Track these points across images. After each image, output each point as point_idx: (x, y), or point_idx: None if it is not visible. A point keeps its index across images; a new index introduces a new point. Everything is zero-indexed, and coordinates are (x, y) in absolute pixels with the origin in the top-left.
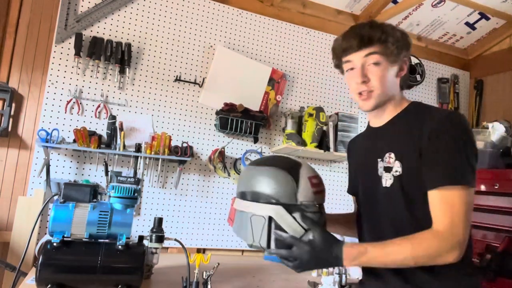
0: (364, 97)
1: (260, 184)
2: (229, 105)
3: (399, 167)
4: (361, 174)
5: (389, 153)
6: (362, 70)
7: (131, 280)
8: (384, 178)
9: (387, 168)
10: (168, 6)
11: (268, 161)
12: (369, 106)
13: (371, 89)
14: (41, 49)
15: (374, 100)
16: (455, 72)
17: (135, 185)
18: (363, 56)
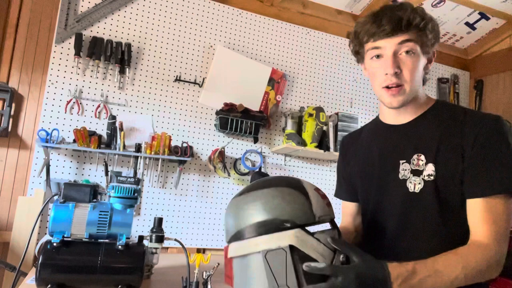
0: (394, 92)
1: (263, 210)
2: (229, 105)
3: (433, 170)
4: (371, 178)
5: (418, 155)
6: (394, 59)
7: (131, 280)
8: (410, 183)
9: (415, 171)
10: (168, 6)
11: (260, 184)
12: (398, 102)
13: (402, 83)
14: (41, 49)
15: (405, 96)
16: (455, 72)
17: (135, 185)
18: (397, 43)
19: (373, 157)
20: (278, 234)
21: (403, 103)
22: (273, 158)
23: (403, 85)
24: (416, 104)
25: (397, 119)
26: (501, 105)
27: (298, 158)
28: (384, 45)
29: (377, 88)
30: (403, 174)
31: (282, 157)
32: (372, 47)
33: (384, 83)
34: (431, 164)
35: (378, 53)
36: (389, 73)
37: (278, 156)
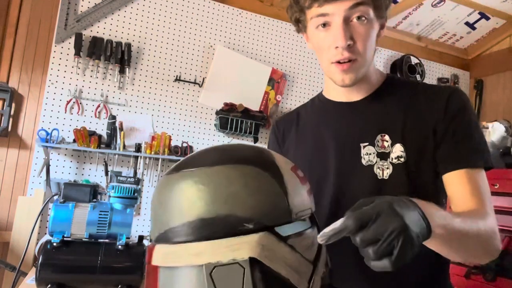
0: (345, 68)
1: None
2: (229, 105)
3: (401, 151)
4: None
5: (382, 135)
6: (345, 28)
7: (131, 280)
8: (378, 168)
9: (382, 155)
10: (168, 6)
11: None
12: (351, 79)
13: (355, 57)
14: (41, 49)
15: (358, 72)
16: (455, 72)
17: (135, 185)
18: (348, 7)
19: (324, 141)
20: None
21: (355, 79)
22: None
23: (356, 58)
24: (369, 78)
25: (348, 96)
26: (501, 105)
27: None
28: (332, 11)
29: (325, 63)
30: (367, 160)
31: None
32: (317, 14)
33: (334, 58)
34: (399, 144)
35: (325, 21)
36: (340, 45)
37: None
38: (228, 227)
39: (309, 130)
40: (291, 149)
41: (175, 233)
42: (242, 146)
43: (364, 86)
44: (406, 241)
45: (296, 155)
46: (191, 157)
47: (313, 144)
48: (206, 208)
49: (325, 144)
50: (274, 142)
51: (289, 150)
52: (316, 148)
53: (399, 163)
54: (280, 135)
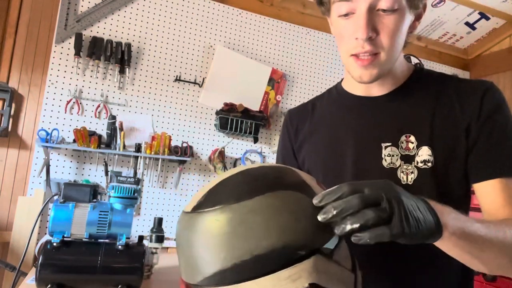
0: (365, 63)
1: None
2: (229, 105)
3: (429, 155)
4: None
5: (406, 136)
6: (368, 18)
7: (131, 280)
8: (402, 172)
9: (406, 157)
10: (168, 6)
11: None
12: (371, 76)
13: (377, 51)
14: (41, 49)
15: (379, 69)
16: (455, 72)
17: (135, 185)
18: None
19: (340, 139)
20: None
21: (376, 77)
22: (273, 158)
23: (379, 53)
24: (394, 72)
25: (369, 90)
26: None
27: None
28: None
29: (344, 55)
30: (389, 162)
31: None
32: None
33: (353, 50)
34: (426, 147)
35: (348, 10)
36: (360, 37)
37: None
38: (284, 258)
39: (324, 125)
40: (305, 144)
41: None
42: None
43: (388, 80)
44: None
45: (309, 151)
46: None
47: (328, 141)
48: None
49: (341, 141)
50: (284, 134)
51: (303, 145)
52: (331, 145)
53: (426, 168)
54: (293, 129)
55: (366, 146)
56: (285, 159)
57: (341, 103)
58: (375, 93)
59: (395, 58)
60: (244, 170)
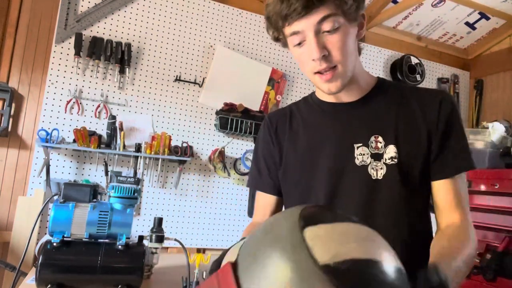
0: (328, 77)
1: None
2: (229, 105)
3: (395, 153)
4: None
5: (375, 136)
6: (318, 41)
7: (131, 280)
8: (373, 169)
9: (376, 155)
10: (168, 6)
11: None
12: (337, 87)
13: (334, 64)
14: (41, 49)
15: (341, 79)
16: (455, 72)
17: (135, 185)
18: (316, 22)
19: (317, 141)
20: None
21: (341, 86)
22: None
23: (336, 67)
24: (359, 80)
25: (340, 98)
26: (501, 105)
27: None
28: (302, 28)
29: (309, 74)
30: (361, 160)
31: None
32: (290, 32)
33: (315, 69)
34: (392, 146)
35: (300, 39)
36: (315, 57)
37: None
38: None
39: (302, 128)
40: (285, 145)
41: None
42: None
43: (354, 89)
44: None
45: (288, 153)
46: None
47: (306, 143)
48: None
49: (318, 143)
50: (264, 135)
51: (283, 145)
52: (309, 147)
53: (393, 164)
54: (273, 129)
55: (341, 147)
56: (266, 156)
57: (316, 110)
58: (344, 99)
59: (351, 68)
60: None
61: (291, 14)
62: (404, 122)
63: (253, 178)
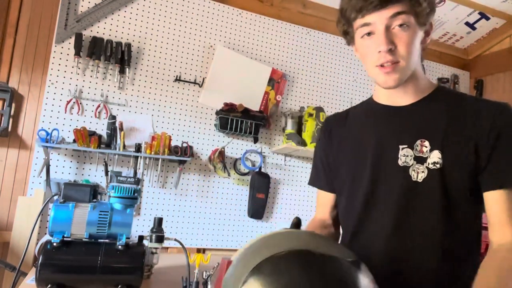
0: (388, 70)
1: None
2: (229, 105)
3: (439, 158)
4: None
5: (421, 140)
6: (387, 34)
7: (131, 280)
8: (413, 171)
9: (419, 158)
10: (168, 6)
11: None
12: (395, 80)
13: (397, 60)
14: (41, 49)
15: (400, 74)
16: (455, 72)
17: (135, 185)
18: (389, 16)
19: (367, 141)
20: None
21: (400, 81)
22: (273, 158)
23: (399, 61)
24: (416, 84)
25: (396, 100)
26: None
27: (298, 158)
28: (374, 20)
29: (370, 67)
30: (404, 161)
31: (282, 157)
32: (361, 24)
33: (378, 61)
34: (437, 151)
35: (369, 30)
36: (382, 50)
37: (278, 156)
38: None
39: (354, 128)
40: (337, 145)
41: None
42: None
43: (410, 91)
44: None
45: (339, 152)
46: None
47: (355, 141)
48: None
49: (365, 141)
50: (321, 136)
51: (334, 146)
52: (358, 148)
53: (435, 169)
54: (328, 130)
55: (386, 146)
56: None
57: (369, 111)
58: (399, 103)
59: (412, 65)
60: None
61: (367, 6)
62: (454, 131)
63: (312, 176)
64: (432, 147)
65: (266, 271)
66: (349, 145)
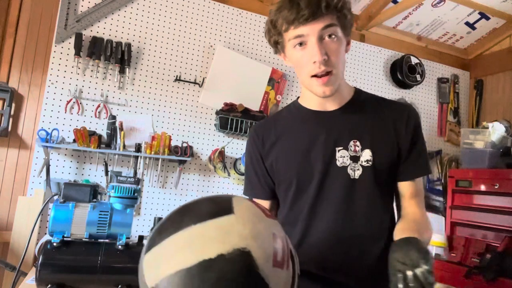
0: (324, 81)
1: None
2: (229, 105)
3: (370, 156)
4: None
5: (354, 141)
6: (320, 45)
7: (131, 280)
8: (351, 169)
9: (354, 158)
10: (168, 6)
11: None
12: (331, 90)
13: (330, 69)
14: (41, 49)
15: (334, 83)
16: (455, 72)
17: (135, 185)
18: (320, 28)
19: (304, 145)
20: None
21: (334, 90)
22: None
23: (332, 71)
24: (341, 90)
25: (324, 106)
26: (501, 105)
27: None
28: (307, 32)
29: (305, 77)
30: (342, 162)
31: None
32: (294, 35)
33: (313, 72)
34: (368, 150)
35: (301, 41)
36: (317, 60)
37: None
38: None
39: (287, 133)
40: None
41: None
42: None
43: (338, 97)
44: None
45: (277, 156)
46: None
47: (292, 149)
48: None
49: (306, 147)
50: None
51: (269, 153)
52: (298, 151)
53: (368, 166)
54: (259, 140)
55: (325, 150)
56: (255, 166)
57: (300, 116)
58: (328, 108)
59: (342, 74)
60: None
61: (299, 18)
62: (378, 130)
63: (246, 188)
64: (363, 147)
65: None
66: (286, 148)
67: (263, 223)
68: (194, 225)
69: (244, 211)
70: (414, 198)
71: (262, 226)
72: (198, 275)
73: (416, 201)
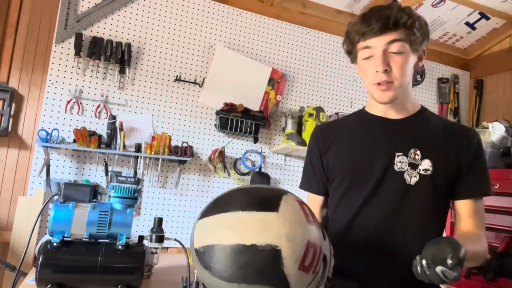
0: (383, 88)
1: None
2: (229, 105)
3: (429, 166)
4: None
5: (415, 149)
6: (384, 57)
7: (131, 280)
8: (408, 175)
9: (412, 165)
10: (168, 6)
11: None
12: (388, 97)
13: (392, 80)
14: (41, 49)
15: (394, 92)
16: (455, 72)
17: (135, 185)
18: (386, 42)
19: (364, 145)
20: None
21: (393, 98)
22: (273, 158)
23: (393, 82)
24: (406, 103)
25: (387, 113)
26: (501, 105)
27: (298, 158)
28: (374, 44)
29: (368, 84)
30: (399, 166)
31: (282, 157)
32: (363, 46)
33: (375, 80)
34: (428, 160)
35: (369, 54)
36: (379, 70)
37: (278, 156)
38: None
39: (349, 135)
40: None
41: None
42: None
43: (402, 108)
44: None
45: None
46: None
47: (351, 150)
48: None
49: (365, 150)
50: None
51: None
52: (354, 153)
53: (426, 175)
54: (321, 137)
55: (384, 153)
56: (313, 161)
57: (364, 120)
58: (392, 117)
59: (404, 86)
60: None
61: (369, 32)
62: (440, 144)
63: (304, 180)
64: (423, 156)
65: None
66: (345, 149)
67: (301, 228)
68: (242, 211)
69: (288, 212)
70: (471, 218)
71: (299, 230)
72: (231, 254)
73: (473, 222)
